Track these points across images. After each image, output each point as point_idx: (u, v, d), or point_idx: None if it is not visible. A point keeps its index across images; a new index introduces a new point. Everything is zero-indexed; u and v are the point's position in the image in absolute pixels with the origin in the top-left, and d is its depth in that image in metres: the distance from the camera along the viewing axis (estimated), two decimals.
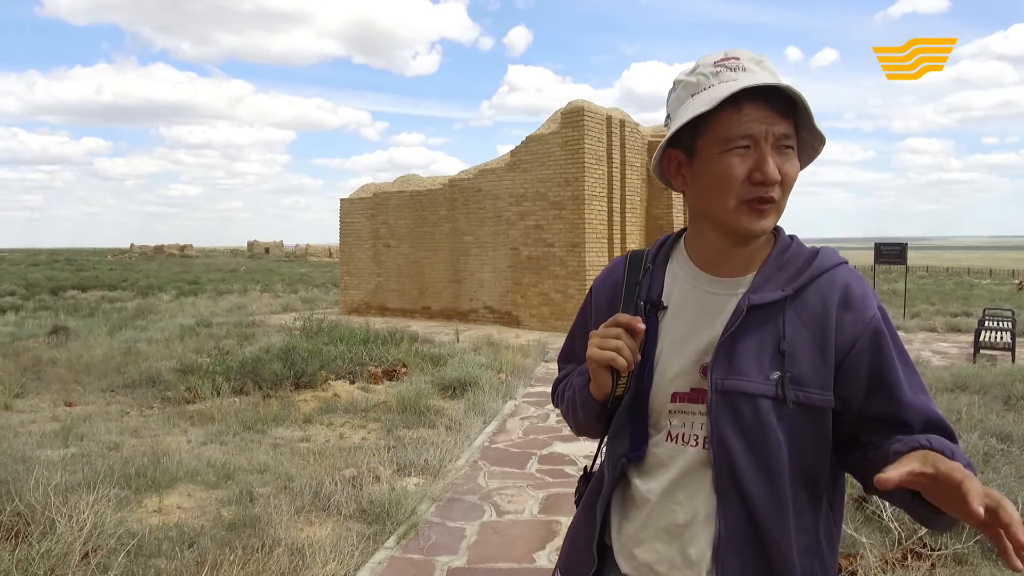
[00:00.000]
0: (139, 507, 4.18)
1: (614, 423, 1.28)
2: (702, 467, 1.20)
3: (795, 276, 1.21)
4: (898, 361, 1.17)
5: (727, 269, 1.25)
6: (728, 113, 1.15)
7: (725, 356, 1.18)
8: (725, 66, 1.16)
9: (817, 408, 1.15)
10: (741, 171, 1.15)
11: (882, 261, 16.44)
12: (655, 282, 1.32)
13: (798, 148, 1.24)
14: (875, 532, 3.79)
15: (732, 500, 1.16)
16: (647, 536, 1.24)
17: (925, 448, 1.04)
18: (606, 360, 1.18)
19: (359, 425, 6.53)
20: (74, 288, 27.39)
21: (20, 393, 7.55)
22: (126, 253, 75.84)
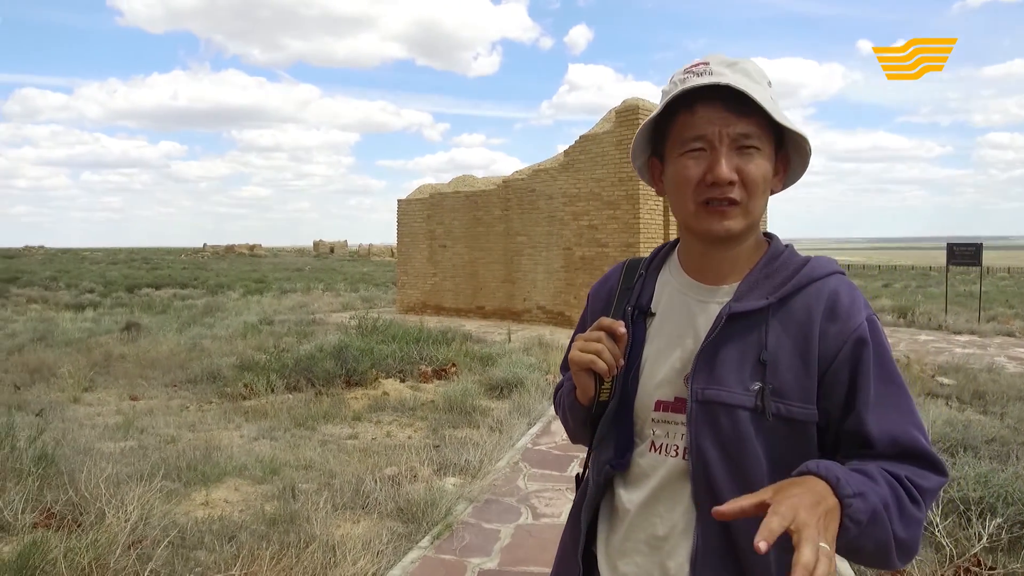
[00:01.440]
0: (187, 500, 4.33)
1: (599, 430, 1.26)
2: (682, 478, 1.17)
3: (781, 284, 1.16)
4: (875, 375, 1.11)
5: (713, 276, 1.22)
6: (683, 116, 1.14)
7: (706, 365, 1.15)
8: (692, 72, 1.15)
9: (798, 422, 1.11)
10: (696, 173, 1.13)
11: (955, 262, 15.71)
12: (646, 289, 1.30)
13: (789, 148, 1.20)
14: (926, 548, 3.62)
15: (709, 514, 1.12)
16: (629, 548, 1.22)
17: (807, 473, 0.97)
18: (586, 363, 1.16)
19: (406, 424, 6.61)
20: (149, 286, 28.64)
21: (89, 387, 7.93)
22: (199, 252, 78.85)
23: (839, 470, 0.97)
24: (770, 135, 1.16)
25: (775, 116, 1.11)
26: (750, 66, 1.16)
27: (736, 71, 1.14)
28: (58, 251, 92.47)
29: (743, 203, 1.14)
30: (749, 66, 1.16)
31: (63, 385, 7.72)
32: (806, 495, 0.90)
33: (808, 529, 0.85)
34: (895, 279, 42.25)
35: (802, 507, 0.87)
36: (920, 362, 9.79)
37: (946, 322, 14.92)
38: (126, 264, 48.85)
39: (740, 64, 1.15)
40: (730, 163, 1.12)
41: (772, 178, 1.19)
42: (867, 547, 0.99)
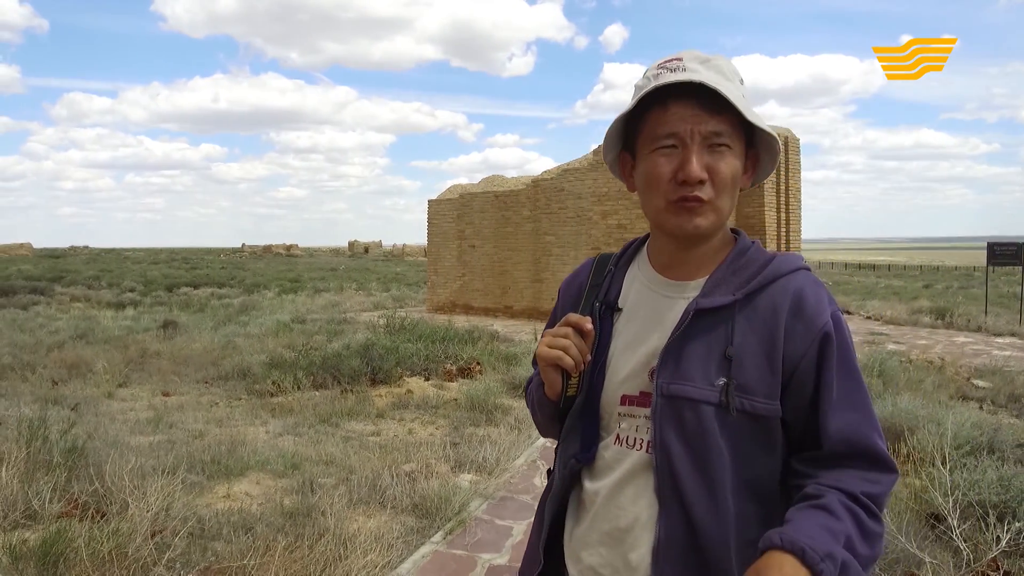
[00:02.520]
0: (209, 492, 4.45)
1: (566, 424, 1.28)
2: (645, 472, 1.18)
3: (747, 281, 1.17)
4: (837, 373, 1.11)
5: (681, 272, 1.23)
6: (655, 113, 1.15)
7: (672, 360, 1.16)
8: (666, 68, 1.15)
9: (762, 417, 1.12)
10: (667, 170, 1.14)
11: (996, 262, 15.30)
12: (614, 284, 1.31)
13: (759, 146, 1.21)
14: (943, 552, 3.56)
15: (672, 507, 1.14)
16: (592, 539, 1.23)
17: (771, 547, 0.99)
18: (553, 359, 1.18)
19: (428, 421, 6.68)
20: (187, 285, 29.31)
21: (123, 383, 8.16)
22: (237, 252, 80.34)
23: (803, 536, 0.98)
24: (741, 133, 1.17)
25: (746, 115, 1.12)
26: (723, 63, 1.17)
27: (710, 68, 1.14)
28: (102, 251, 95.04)
29: (712, 201, 1.15)
30: (722, 63, 1.17)
31: (98, 381, 7.95)
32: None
33: None
34: (937, 280, 41.28)
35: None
36: (954, 364, 9.58)
37: (986, 324, 14.54)
38: (166, 264, 50.03)
39: (713, 61, 1.16)
40: (701, 161, 1.13)
41: (741, 176, 1.20)
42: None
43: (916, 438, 5.04)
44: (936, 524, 3.86)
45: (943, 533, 3.73)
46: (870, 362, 8.70)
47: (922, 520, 3.94)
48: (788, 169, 17.18)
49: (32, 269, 36.86)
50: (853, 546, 1.01)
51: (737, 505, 1.12)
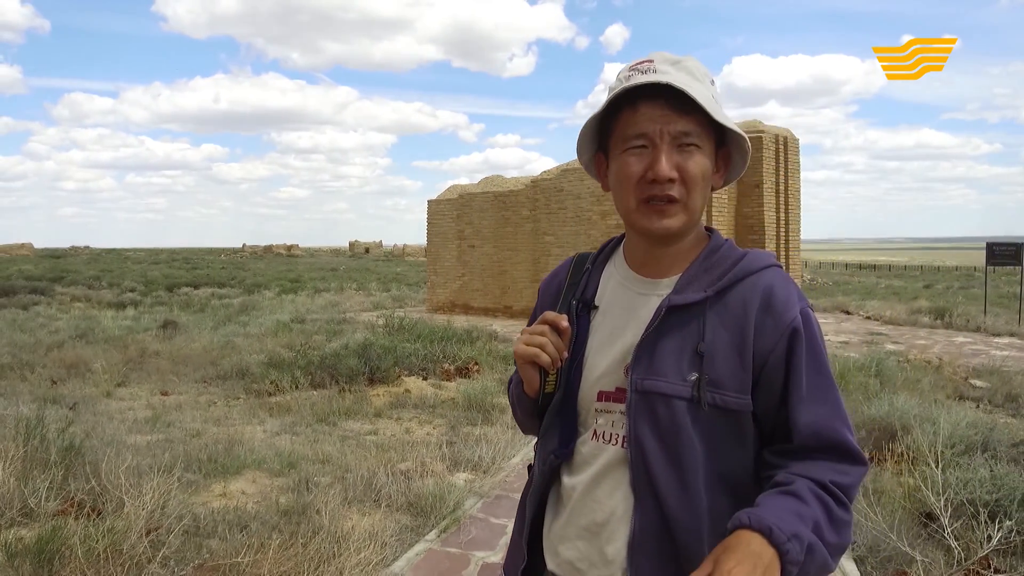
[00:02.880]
0: (206, 491, 4.47)
1: (545, 420, 1.30)
2: (621, 466, 1.20)
3: (719, 278, 1.19)
4: (807, 368, 1.13)
5: (654, 270, 1.25)
6: (626, 114, 1.17)
7: (645, 356, 1.18)
8: (637, 69, 1.17)
9: (733, 411, 1.14)
10: (637, 170, 1.16)
11: (995, 262, 15.31)
12: (591, 282, 1.33)
13: (731, 146, 1.23)
14: (935, 550, 3.57)
15: (647, 500, 1.15)
16: (570, 533, 1.25)
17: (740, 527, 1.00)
18: (530, 356, 1.20)
19: (425, 421, 6.70)
20: (188, 285, 29.34)
21: (122, 383, 8.19)
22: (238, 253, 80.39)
23: (770, 516, 1.00)
24: (710, 133, 1.18)
25: (715, 115, 1.14)
26: (693, 64, 1.19)
27: (680, 69, 1.16)
28: (103, 251, 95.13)
29: (683, 200, 1.17)
30: (692, 64, 1.19)
31: (97, 380, 7.98)
32: (743, 565, 0.93)
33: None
34: (937, 280, 41.27)
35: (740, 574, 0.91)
36: (952, 364, 9.58)
37: (985, 324, 14.55)
38: (167, 264, 50.07)
39: (684, 62, 1.18)
40: (670, 161, 1.14)
41: (713, 175, 1.22)
42: (810, 573, 1.02)
43: (911, 437, 5.05)
44: (928, 523, 3.87)
45: (935, 532, 3.75)
46: (867, 362, 8.71)
47: (914, 519, 3.96)
48: (788, 169, 17.19)
49: (33, 269, 36.91)
50: (821, 532, 1.03)
51: (710, 498, 1.14)
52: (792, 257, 17.32)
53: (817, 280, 37.74)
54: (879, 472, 4.79)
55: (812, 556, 1.00)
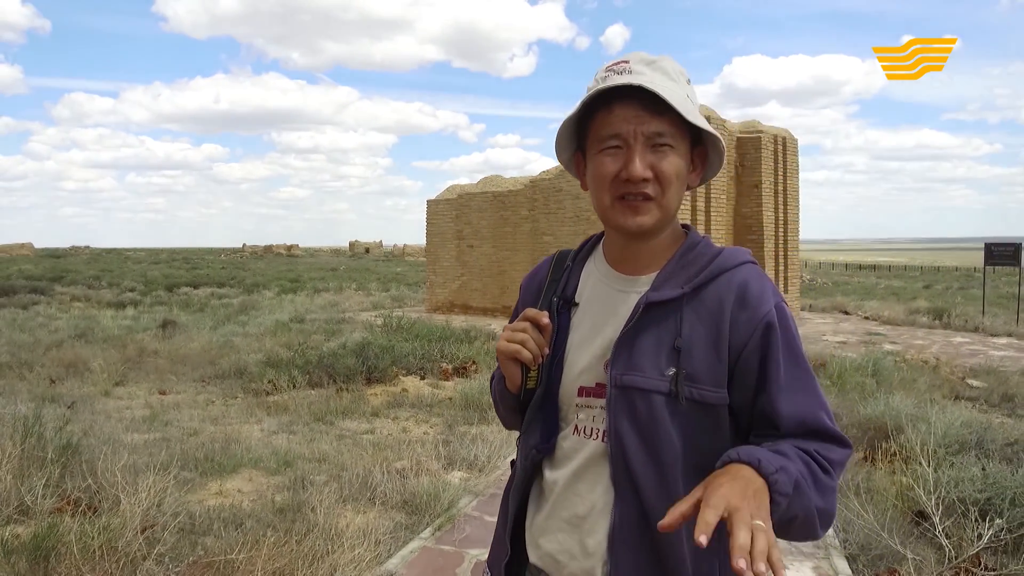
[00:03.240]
0: (202, 489, 4.49)
1: (527, 416, 1.32)
2: (601, 460, 1.22)
3: (695, 274, 1.21)
4: (784, 359, 1.15)
5: (632, 266, 1.27)
6: (601, 115, 1.19)
7: (624, 352, 1.20)
8: (613, 70, 1.19)
9: (710, 405, 1.16)
10: (612, 169, 1.18)
11: (993, 262, 15.32)
12: (571, 279, 1.35)
13: (707, 144, 1.25)
14: (926, 548, 3.59)
15: (626, 493, 1.18)
16: (551, 526, 1.27)
17: (729, 462, 1.03)
18: (511, 352, 1.22)
19: (423, 420, 6.72)
20: (187, 285, 29.34)
21: (121, 382, 8.21)
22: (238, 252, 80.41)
23: (759, 452, 1.03)
24: (684, 132, 1.20)
25: (687, 116, 1.16)
26: (669, 64, 1.21)
27: (655, 70, 1.19)
28: (103, 251, 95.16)
29: (657, 198, 1.19)
30: (667, 64, 1.21)
31: (96, 379, 8.00)
32: (734, 483, 0.96)
33: (739, 512, 0.90)
34: (937, 280, 41.27)
35: (732, 495, 0.93)
36: (950, 364, 9.60)
37: (983, 324, 14.57)
38: (167, 264, 50.09)
39: (659, 62, 1.20)
40: (644, 160, 1.17)
41: (689, 174, 1.24)
42: (797, 517, 1.04)
43: (905, 436, 5.07)
44: (920, 521, 3.89)
45: (927, 530, 3.77)
46: (864, 362, 8.73)
47: (906, 517, 3.98)
48: (786, 170, 17.21)
49: (33, 269, 36.92)
50: (808, 487, 1.05)
51: (687, 490, 1.15)
52: (791, 257, 17.34)
53: (816, 280, 37.75)
54: (872, 471, 4.81)
55: (798, 495, 1.02)
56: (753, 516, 0.91)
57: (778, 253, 16.83)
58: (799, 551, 3.75)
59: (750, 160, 16.43)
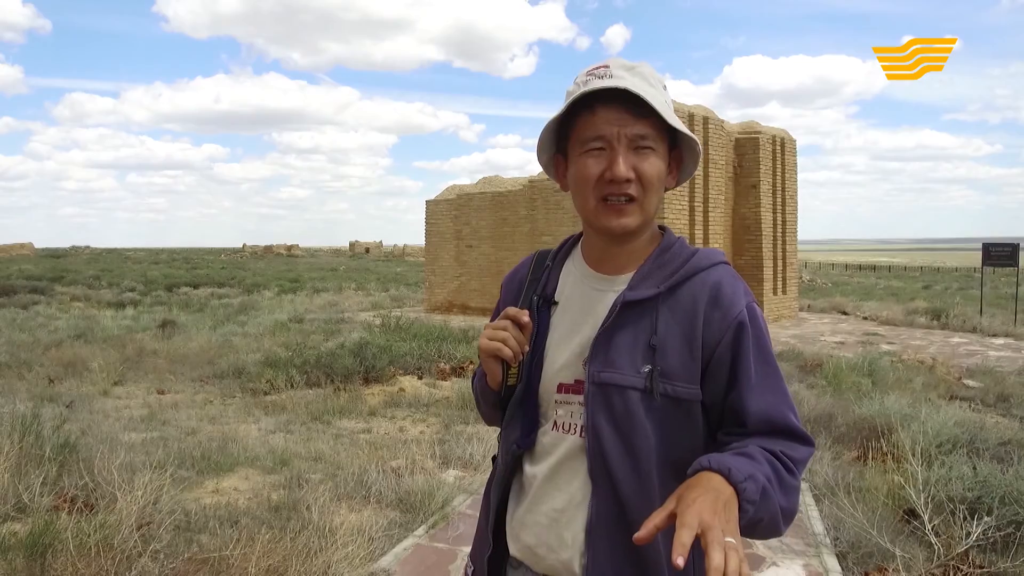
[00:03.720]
0: (199, 487, 4.52)
1: (508, 412, 1.35)
2: (579, 455, 1.25)
3: (670, 275, 1.24)
4: (754, 358, 1.18)
5: (610, 266, 1.31)
6: (584, 117, 1.22)
7: (602, 349, 1.23)
8: (594, 75, 1.22)
9: (684, 401, 1.19)
10: (596, 171, 1.21)
11: (991, 263, 15.35)
12: (551, 279, 1.38)
13: (683, 148, 1.28)
14: (915, 546, 3.62)
15: (603, 487, 1.21)
16: (530, 520, 1.30)
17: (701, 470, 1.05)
18: (492, 350, 1.25)
19: (419, 419, 6.75)
20: (187, 285, 29.37)
21: (119, 381, 8.24)
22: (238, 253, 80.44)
23: (729, 460, 1.06)
24: (664, 136, 1.24)
25: (668, 119, 1.20)
26: (647, 70, 1.24)
27: (635, 75, 1.22)
28: (103, 251, 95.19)
29: (639, 199, 1.22)
30: (646, 70, 1.24)
31: (94, 379, 8.03)
32: (706, 496, 0.98)
33: (712, 531, 0.93)
34: (937, 281, 41.28)
35: (704, 510, 0.95)
36: (946, 364, 9.63)
37: (981, 324, 14.60)
38: (167, 264, 50.13)
39: (638, 68, 1.23)
40: (627, 162, 1.20)
41: (666, 176, 1.27)
42: (763, 520, 1.07)
43: (897, 436, 5.10)
44: (910, 520, 3.92)
45: (917, 528, 3.80)
46: (860, 362, 8.76)
47: (897, 516, 4.01)
48: (784, 170, 17.25)
49: (33, 269, 36.96)
50: (773, 489, 1.09)
51: (661, 483, 1.19)
52: (789, 257, 17.37)
53: (816, 280, 37.76)
54: (864, 470, 4.84)
55: (765, 500, 1.06)
56: (725, 533, 0.94)
57: (776, 253, 16.86)
58: (790, 549, 3.78)
59: (748, 161, 16.47)
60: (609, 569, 1.20)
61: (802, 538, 3.91)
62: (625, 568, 1.20)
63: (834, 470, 4.84)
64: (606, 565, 1.20)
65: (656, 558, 1.19)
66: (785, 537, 3.93)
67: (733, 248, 16.51)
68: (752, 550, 3.77)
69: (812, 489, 4.66)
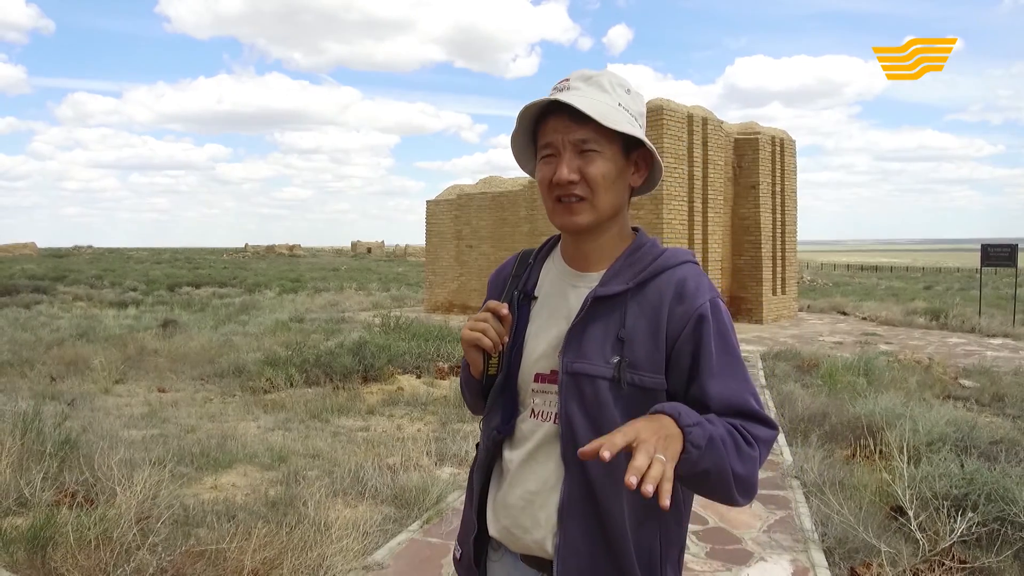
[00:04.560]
0: (197, 483, 4.59)
1: (489, 400, 1.43)
2: (553, 440, 1.33)
3: (639, 272, 1.32)
4: (715, 348, 1.26)
5: (584, 263, 1.39)
6: (540, 127, 1.34)
7: (575, 341, 1.31)
8: (556, 88, 1.32)
9: (649, 390, 1.27)
10: (548, 175, 1.32)
11: (989, 264, 15.39)
12: (532, 276, 1.47)
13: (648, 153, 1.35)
14: (901, 542, 3.68)
15: (575, 471, 1.29)
16: (508, 502, 1.38)
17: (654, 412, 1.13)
18: (473, 340, 1.34)
19: (417, 417, 6.82)
20: (189, 285, 29.48)
21: (121, 379, 8.32)
22: (240, 252, 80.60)
23: (682, 407, 1.14)
24: (613, 138, 1.30)
25: (605, 123, 1.26)
26: (606, 78, 1.33)
27: (591, 84, 1.31)
28: (105, 251, 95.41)
29: (588, 199, 1.30)
30: (604, 79, 1.32)
31: (96, 377, 8.10)
32: (649, 423, 1.08)
33: (645, 444, 1.01)
34: (938, 281, 41.28)
35: (643, 430, 1.05)
36: (942, 364, 9.68)
37: (979, 325, 14.64)
38: (169, 264, 50.27)
39: (597, 77, 1.32)
40: (571, 165, 1.29)
41: (631, 175, 1.35)
42: (710, 471, 1.14)
43: (889, 434, 5.15)
44: (897, 516, 3.98)
45: (903, 524, 3.86)
46: (856, 362, 8.82)
47: (884, 512, 4.06)
48: (784, 171, 17.29)
49: (35, 268, 37.11)
50: (727, 450, 1.16)
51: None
52: (788, 257, 17.42)
53: (817, 281, 37.78)
54: (853, 468, 4.90)
55: (712, 450, 1.12)
56: (657, 450, 1.01)
57: (775, 254, 16.91)
58: (779, 545, 3.84)
59: (748, 161, 16.52)
60: (580, 548, 1.28)
61: (791, 534, 3.97)
62: (594, 547, 1.28)
63: (825, 468, 4.90)
64: (577, 544, 1.28)
65: (623, 538, 1.27)
66: (773, 533, 3.99)
67: (732, 248, 16.56)
68: (741, 545, 3.84)
69: (803, 486, 4.72)
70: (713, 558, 3.68)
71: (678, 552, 1.35)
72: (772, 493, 4.64)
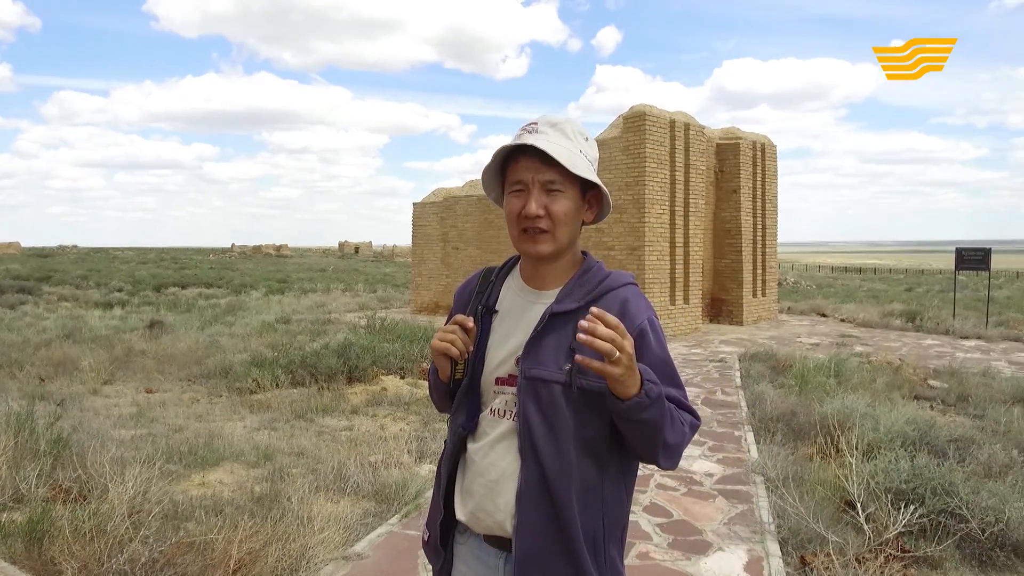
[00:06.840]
0: (186, 480, 4.78)
1: (455, 400, 1.66)
2: (511, 435, 1.56)
3: (589, 292, 1.57)
4: (653, 355, 1.51)
5: (540, 283, 1.63)
6: (511, 164, 1.56)
7: (532, 351, 1.54)
8: (526, 130, 1.56)
9: (596, 392, 1.49)
10: (517, 208, 1.54)
11: (964, 267, 15.76)
12: (494, 291, 1.70)
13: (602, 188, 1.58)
14: (850, 533, 3.92)
15: (530, 462, 1.51)
16: (472, 489, 1.61)
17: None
18: (442, 349, 1.56)
19: (400, 417, 7.02)
20: (175, 285, 29.50)
21: (109, 380, 8.46)
22: (227, 252, 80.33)
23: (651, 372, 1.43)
24: (574, 180, 1.54)
25: (572, 169, 1.50)
26: (569, 126, 1.56)
27: (556, 130, 1.54)
28: (90, 250, 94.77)
29: (551, 231, 1.54)
30: (568, 127, 1.56)
31: (84, 378, 8.25)
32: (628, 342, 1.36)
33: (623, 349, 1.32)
34: (920, 283, 41.85)
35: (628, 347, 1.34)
36: (913, 365, 9.97)
37: (953, 327, 15.00)
38: (155, 264, 50.11)
39: (561, 124, 1.56)
40: (539, 201, 1.52)
41: (584, 211, 1.60)
42: (647, 423, 1.41)
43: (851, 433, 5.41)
44: (849, 510, 4.23)
45: (854, 517, 4.10)
46: (828, 363, 9.09)
47: (836, 506, 4.31)
48: (765, 175, 17.60)
49: (20, 268, 36.95)
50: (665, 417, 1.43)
51: (577, 458, 1.51)
52: (768, 261, 17.72)
53: (800, 283, 38.23)
54: (810, 465, 5.14)
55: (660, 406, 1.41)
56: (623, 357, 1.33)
57: (756, 257, 17.21)
58: (737, 536, 4.07)
59: (729, 166, 16.82)
60: (535, 528, 1.50)
61: (749, 526, 4.20)
62: (547, 527, 1.50)
63: (788, 465, 5.14)
64: (533, 525, 1.50)
65: (571, 519, 1.49)
66: (733, 525, 4.23)
67: (714, 251, 16.86)
68: (701, 536, 4.07)
69: (765, 482, 4.96)
70: (674, 548, 3.91)
71: (620, 531, 1.59)
72: (736, 488, 4.88)
